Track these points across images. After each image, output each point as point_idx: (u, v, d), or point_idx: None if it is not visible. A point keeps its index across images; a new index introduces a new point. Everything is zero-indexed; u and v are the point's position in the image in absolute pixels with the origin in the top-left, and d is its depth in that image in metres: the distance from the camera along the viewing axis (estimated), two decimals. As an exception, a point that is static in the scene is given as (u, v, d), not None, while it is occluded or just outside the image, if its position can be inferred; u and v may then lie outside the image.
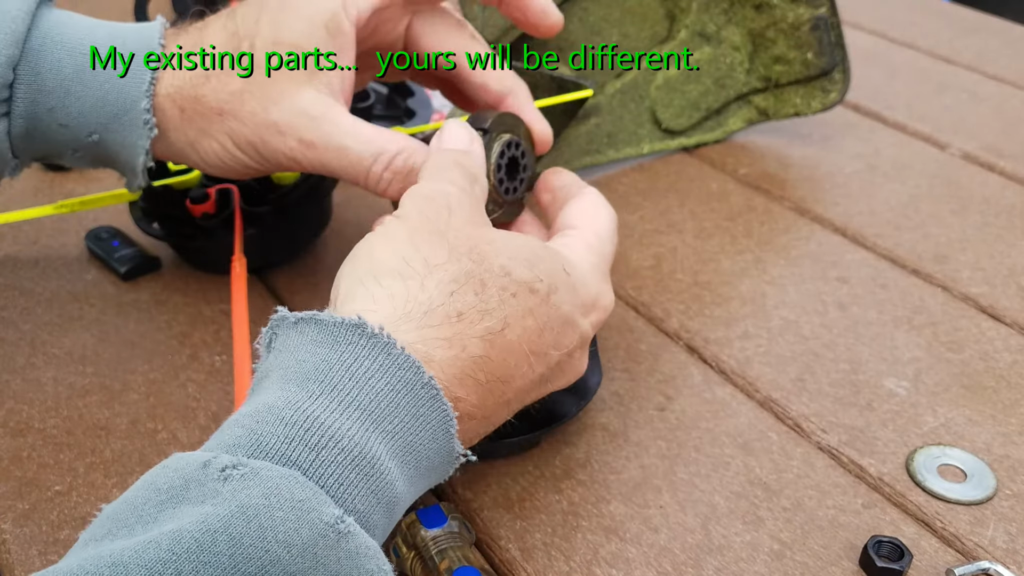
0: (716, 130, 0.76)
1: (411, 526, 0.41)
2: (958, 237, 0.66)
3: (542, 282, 0.40)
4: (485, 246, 0.39)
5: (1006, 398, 0.52)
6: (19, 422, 0.49)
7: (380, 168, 0.47)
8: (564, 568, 0.42)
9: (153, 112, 0.49)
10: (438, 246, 0.39)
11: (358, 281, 0.38)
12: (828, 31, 0.71)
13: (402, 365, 0.35)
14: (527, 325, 0.39)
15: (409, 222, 0.40)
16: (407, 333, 0.36)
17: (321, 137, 0.47)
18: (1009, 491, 0.46)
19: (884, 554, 0.42)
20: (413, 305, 0.37)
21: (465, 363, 0.37)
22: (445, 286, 0.38)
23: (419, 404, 0.35)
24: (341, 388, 0.34)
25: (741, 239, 0.65)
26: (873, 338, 0.56)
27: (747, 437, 0.49)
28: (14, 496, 0.45)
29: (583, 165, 0.72)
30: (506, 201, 0.49)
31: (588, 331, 0.43)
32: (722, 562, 0.42)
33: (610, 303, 0.45)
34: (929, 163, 0.75)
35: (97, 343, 0.54)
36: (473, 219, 0.41)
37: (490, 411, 0.39)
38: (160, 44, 0.49)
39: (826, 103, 0.74)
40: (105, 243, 0.61)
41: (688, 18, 0.72)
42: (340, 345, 0.35)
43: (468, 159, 0.45)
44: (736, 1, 0.73)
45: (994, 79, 0.89)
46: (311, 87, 0.47)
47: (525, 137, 0.50)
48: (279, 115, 0.47)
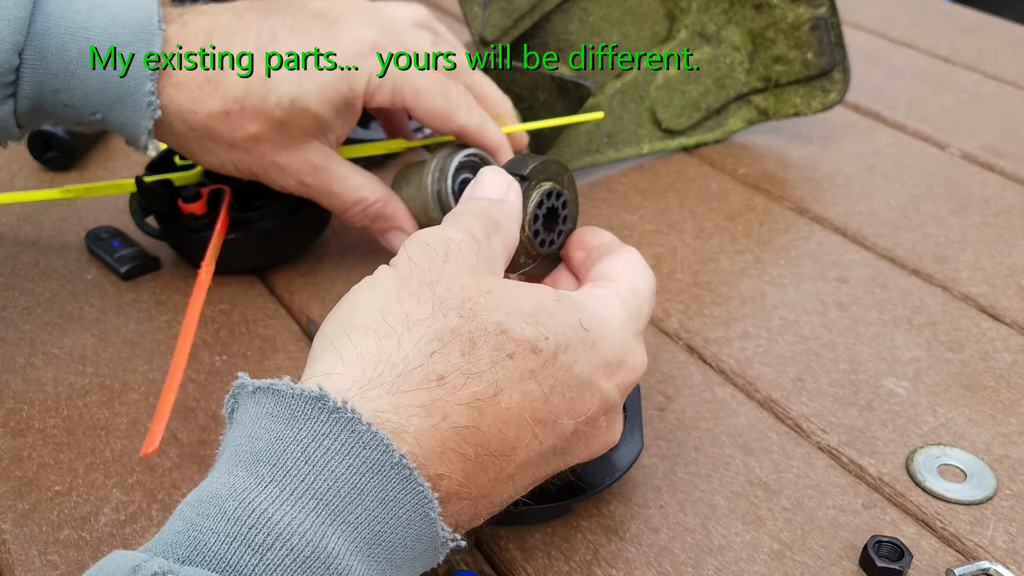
0: (716, 130, 0.76)
1: None
2: (958, 237, 0.66)
3: (547, 340, 0.35)
4: (480, 298, 0.35)
5: (1006, 398, 0.52)
6: (19, 422, 0.49)
7: (358, 211, 0.56)
8: (564, 568, 0.42)
9: (160, 113, 0.50)
10: (423, 299, 0.35)
11: (331, 338, 0.35)
12: (828, 31, 0.71)
13: (367, 443, 0.31)
14: (528, 390, 0.34)
15: (398, 271, 0.36)
16: (376, 400, 0.32)
17: (317, 181, 0.54)
18: (1009, 491, 0.46)
19: (884, 554, 0.42)
20: (385, 367, 0.33)
21: (447, 435, 0.32)
22: (425, 345, 0.33)
23: (388, 488, 0.31)
24: (295, 473, 0.30)
25: (741, 239, 0.65)
26: (873, 338, 0.56)
27: (747, 437, 0.49)
28: (14, 496, 0.45)
29: (583, 165, 0.72)
30: (541, 254, 0.45)
31: (612, 394, 0.38)
32: (722, 562, 0.42)
33: (641, 363, 0.39)
34: (929, 163, 0.75)
35: (97, 343, 0.54)
36: (474, 267, 0.37)
37: (485, 489, 0.34)
38: (161, 29, 0.49)
39: (826, 103, 0.74)
40: (105, 243, 0.61)
41: (688, 18, 0.73)
42: (297, 421, 0.31)
43: (497, 208, 0.41)
44: (736, 1, 0.73)
45: (994, 79, 0.89)
46: (318, 140, 0.53)
47: (569, 186, 0.45)
48: (287, 159, 0.53)
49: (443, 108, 0.54)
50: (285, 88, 0.50)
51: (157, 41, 0.49)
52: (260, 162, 0.53)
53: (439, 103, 0.53)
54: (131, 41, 0.48)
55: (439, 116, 0.54)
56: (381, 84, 0.52)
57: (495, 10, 0.65)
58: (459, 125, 0.54)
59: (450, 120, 0.54)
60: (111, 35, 0.48)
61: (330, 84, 0.51)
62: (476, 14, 0.65)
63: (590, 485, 0.43)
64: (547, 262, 0.46)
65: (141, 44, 0.49)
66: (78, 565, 0.41)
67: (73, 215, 0.66)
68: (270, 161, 0.53)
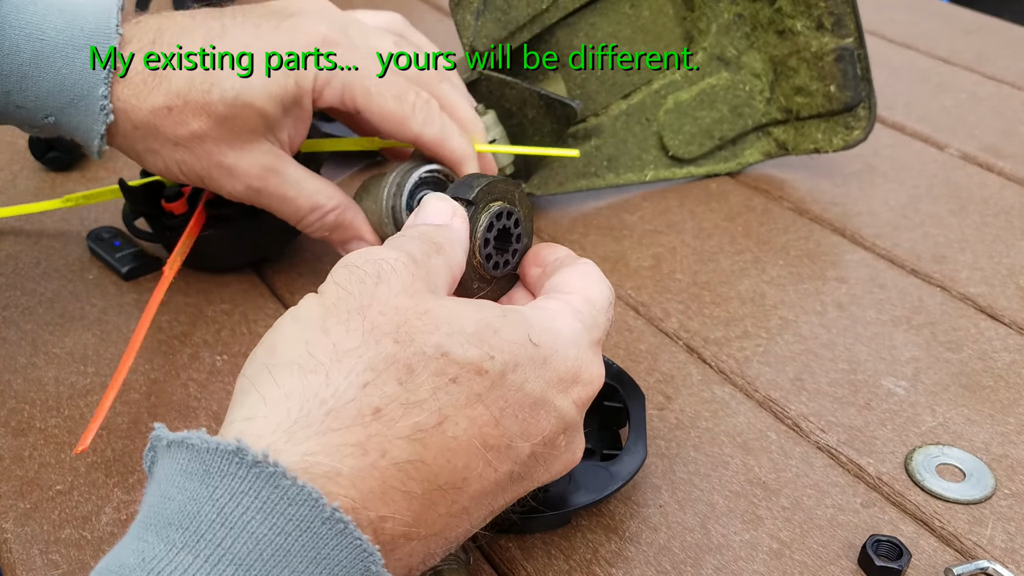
0: (730, 161, 0.72)
1: None
2: (957, 237, 0.66)
3: (493, 359, 0.33)
4: (416, 321, 0.32)
5: (1004, 397, 0.52)
6: (20, 421, 0.49)
7: (314, 219, 0.53)
8: (564, 567, 0.42)
9: (112, 117, 0.48)
10: (353, 326, 0.32)
11: (252, 379, 0.32)
12: (854, 63, 0.67)
13: (293, 499, 0.28)
14: (475, 415, 0.32)
15: (324, 299, 0.34)
16: (304, 442, 0.29)
17: (267, 185, 0.51)
18: (1008, 490, 0.46)
19: (883, 553, 0.42)
20: (313, 405, 0.30)
21: (387, 472, 0.30)
22: (357, 376, 0.31)
23: (320, 545, 0.28)
24: (210, 537, 0.27)
25: (740, 239, 0.65)
26: (872, 338, 0.56)
27: (746, 436, 0.49)
28: (15, 495, 0.45)
29: (577, 188, 0.68)
30: (495, 276, 0.43)
31: (569, 411, 0.36)
32: (721, 561, 0.42)
33: (596, 376, 0.37)
34: (928, 163, 0.75)
35: (98, 343, 0.55)
36: (410, 288, 0.34)
37: (438, 526, 0.32)
38: (118, 33, 0.48)
39: (848, 141, 0.69)
40: (106, 243, 0.61)
41: (706, 40, 0.69)
42: (212, 478, 0.28)
43: (440, 232, 0.39)
44: (759, 24, 0.69)
45: (993, 80, 0.89)
46: (267, 140, 0.50)
47: (521, 202, 0.43)
48: (233, 161, 0.50)
49: (396, 112, 0.51)
50: (229, 83, 0.48)
51: (114, 43, 0.48)
52: (205, 163, 0.50)
53: (391, 107, 0.51)
54: (87, 44, 0.48)
55: (391, 121, 0.51)
56: (329, 81, 0.50)
57: (489, 20, 0.62)
58: (414, 133, 0.51)
59: (404, 126, 0.51)
60: (68, 37, 0.47)
61: (275, 80, 0.49)
62: (468, 23, 0.62)
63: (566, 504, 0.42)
64: (503, 283, 0.44)
65: (98, 47, 0.48)
66: (79, 564, 0.41)
67: (74, 215, 0.66)
68: (215, 162, 0.50)
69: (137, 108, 0.49)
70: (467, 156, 0.53)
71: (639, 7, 0.68)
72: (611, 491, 0.42)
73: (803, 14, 0.67)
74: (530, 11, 0.63)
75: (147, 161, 0.51)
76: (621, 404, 0.47)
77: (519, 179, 0.64)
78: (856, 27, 0.66)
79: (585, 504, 0.42)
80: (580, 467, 0.43)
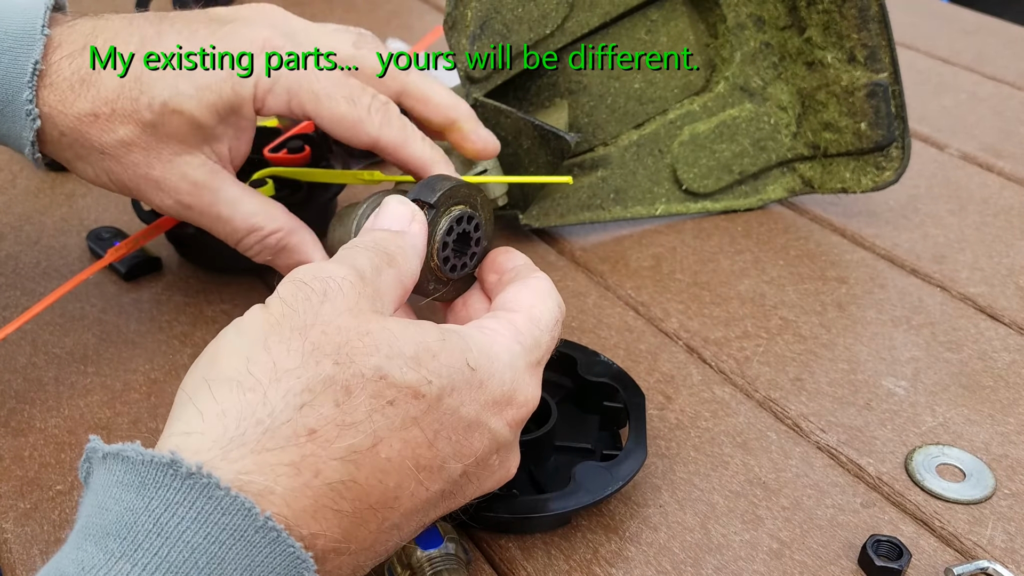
0: (751, 196, 0.68)
1: (406, 546, 0.39)
2: (956, 237, 0.66)
3: (431, 384, 0.33)
4: (357, 342, 0.33)
5: (1004, 397, 0.52)
6: (20, 421, 0.49)
7: (252, 241, 0.49)
8: (564, 567, 0.42)
9: (39, 123, 0.46)
10: (294, 346, 0.32)
11: (190, 393, 0.32)
12: (888, 100, 0.63)
13: (227, 509, 0.28)
14: (410, 437, 0.32)
15: (268, 314, 0.34)
16: (239, 461, 0.30)
17: (198, 202, 0.47)
18: (1008, 490, 0.46)
19: (883, 553, 0.42)
20: (249, 424, 0.30)
21: (319, 492, 0.30)
22: (294, 397, 0.31)
23: (255, 553, 0.29)
24: (147, 546, 0.28)
25: (740, 239, 0.65)
26: (871, 338, 0.56)
27: (746, 436, 0.49)
28: (16, 495, 0.45)
29: (580, 221, 0.65)
30: (451, 279, 0.44)
31: (503, 432, 0.36)
32: (721, 561, 0.42)
33: (530, 399, 0.37)
34: (928, 163, 0.75)
35: (99, 343, 0.55)
36: (355, 307, 0.34)
37: (368, 542, 0.33)
38: (44, 34, 0.45)
39: (878, 182, 0.64)
40: (106, 243, 0.61)
41: (729, 69, 0.65)
42: (148, 489, 0.29)
43: (395, 240, 0.39)
44: (787, 55, 0.65)
45: (993, 80, 0.89)
46: (201, 152, 0.47)
47: (483, 206, 0.44)
48: (161, 173, 0.47)
49: (347, 115, 0.46)
50: (158, 89, 0.45)
51: (38, 47, 0.45)
52: (132, 174, 0.47)
53: (342, 109, 0.46)
54: (11, 47, 0.45)
55: (344, 125, 0.46)
56: (272, 87, 0.46)
57: (486, 44, 0.57)
58: (371, 136, 0.47)
59: (358, 130, 0.47)
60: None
61: (209, 86, 0.45)
62: (463, 47, 0.57)
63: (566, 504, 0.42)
64: (459, 284, 0.45)
65: (21, 49, 0.45)
66: (80, 564, 0.41)
67: (74, 215, 0.66)
68: (142, 174, 0.47)
69: (63, 114, 0.46)
70: (432, 160, 0.48)
71: (656, 33, 0.65)
72: (610, 492, 0.42)
73: (834, 45, 0.63)
74: (532, 35, 0.59)
75: (77, 169, 0.48)
76: (622, 405, 0.47)
77: (516, 210, 0.62)
78: (891, 61, 0.63)
79: (585, 505, 0.42)
80: (580, 467, 0.43)
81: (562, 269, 0.62)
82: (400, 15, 0.99)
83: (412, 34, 0.93)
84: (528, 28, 0.59)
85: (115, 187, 0.48)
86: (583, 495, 0.42)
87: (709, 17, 0.66)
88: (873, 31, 0.62)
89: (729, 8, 0.65)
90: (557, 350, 0.49)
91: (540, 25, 0.59)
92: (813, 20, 0.64)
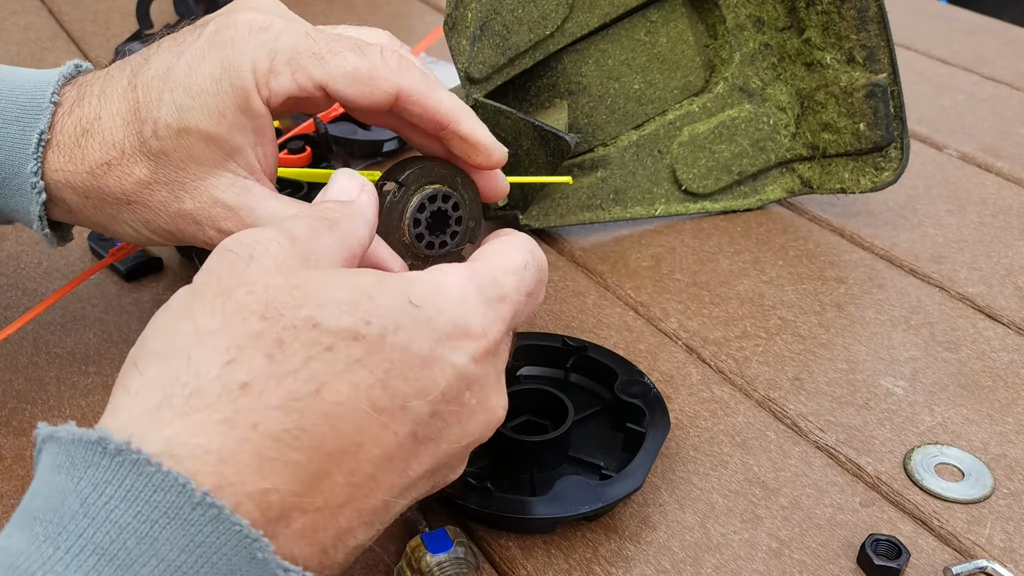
0: (750, 197, 0.68)
1: (416, 550, 0.39)
2: (955, 237, 0.66)
3: (369, 324, 0.32)
4: (286, 296, 0.31)
5: (1003, 397, 0.52)
6: (22, 421, 0.49)
7: None
8: (563, 566, 0.42)
9: (49, 189, 0.44)
10: (216, 309, 0.31)
11: (120, 378, 0.32)
12: (886, 101, 0.63)
13: (159, 486, 0.27)
14: (357, 380, 0.31)
15: (193, 286, 0.33)
16: (167, 426, 0.29)
17: (240, 226, 0.43)
18: (1006, 490, 0.46)
19: (882, 552, 0.42)
20: (175, 388, 0.29)
21: (262, 444, 0.29)
22: (219, 355, 0.30)
23: (193, 532, 0.27)
24: (72, 528, 0.27)
25: (739, 239, 0.65)
26: (870, 338, 0.56)
27: (745, 436, 0.49)
28: (17, 495, 0.45)
29: (579, 221, 0.65)
30: (430, 256, 0.43)
31: (467, 366, 0.34)
32: (720, 560, 0.42)
33: (490, 331, 0.35)
34: (926, 164, 0.75)
35: (100, 343, 0.55)
36: (283, 265, 0.33)
37: (341, 496, 0.31)
38: (52, 102, 0.43)
39: (877, 183, 0.65)
40: (107, 243, 0.62)
41: (729, 70, 0.66)
42: (77, 469, 0.28)
43: (338, 209, 0.37)
44: (786, 55, 0.65)
45: (991, 80, 0.89)
46: (227, 169, 0.43)
47: (464, 187, 0.44)
48: (193, 204, 0.43)
49: (359, 66, 0.41)
50: (156, 112, 0.41)
51: (45, 116, 0.43)
52: (166, 216, 0.43)
53: (352, 61, 0.41)
54: (18, 117, 0.44)
55: (359, 80, 0.41)
56: (272, 65, 0.41)
57: (486, 45, 0.57)
58: (392, 84, 0.41)
59: (376, 81, 0.41)
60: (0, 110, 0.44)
61: (206, 89, 0.41)
62: (463, 48, 0.57)
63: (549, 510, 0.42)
64: (445, 262, 0.43)
65: (28, 119, 0.43)
66: (81, 563, 0.42)
67: (75, 216, 0.66)
68: (175, 212, 0.43)
69: (75, 173, 0.43)
70: (462, 110, 0.43)
71: (656, 34, 0.65)
72: (586, 510, 0.41)
73: (833, 46, 0.63)
74: (532, 36, 0.59)
75: (115, 232, 0.46)
76: (644, 430, 0.46)
77: (516, 210, 0.63)
78: (890, 62, 0.63)
79: (562, 516, 0.41)
80: (564, 479, 0.42)
81: (562, 269, 0.62)
82: (400, 16, 0.99)
83: (412, 35, 0.93)
84: (528, 29, 0.59)
85: (160, 237, 0.45)
86: (555, 506, 0.41)
87: (708, 18, 0.66)
88: (872, 32, 0.63)
89: (728, 9, 0.65)
90: (600, 360, 0.49)
91: (540, 26, 0.59)
92: (812, 21, 0.64)
